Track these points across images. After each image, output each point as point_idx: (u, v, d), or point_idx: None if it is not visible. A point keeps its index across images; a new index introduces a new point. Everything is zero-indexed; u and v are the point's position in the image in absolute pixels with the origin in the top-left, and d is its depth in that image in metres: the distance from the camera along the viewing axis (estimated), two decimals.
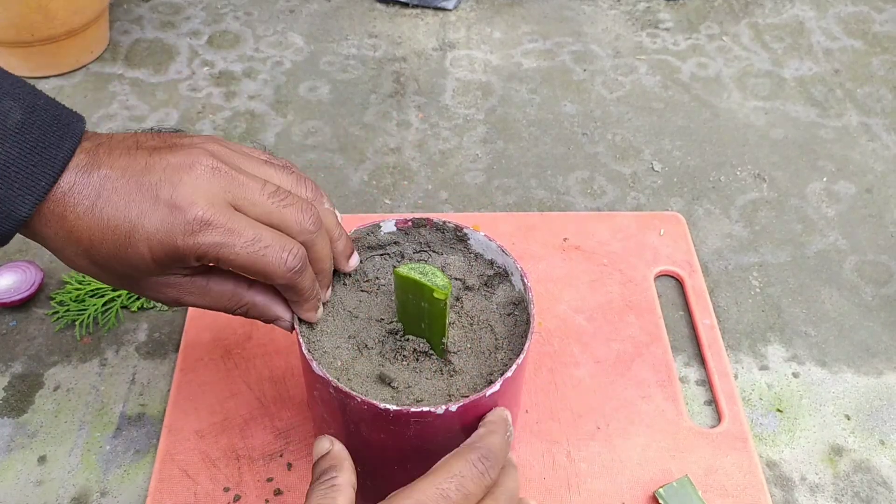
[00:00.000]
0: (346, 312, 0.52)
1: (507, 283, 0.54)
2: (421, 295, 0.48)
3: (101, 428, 0.63)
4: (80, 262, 0.45)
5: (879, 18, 1.06)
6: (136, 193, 0.43)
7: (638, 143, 0.88)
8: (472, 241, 0.54)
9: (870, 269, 0.77)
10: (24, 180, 0.41)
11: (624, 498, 0.59)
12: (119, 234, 0.43)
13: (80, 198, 0.43)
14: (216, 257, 0.43)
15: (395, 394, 0.48)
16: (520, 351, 0.48)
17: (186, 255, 0.43)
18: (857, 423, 0.66)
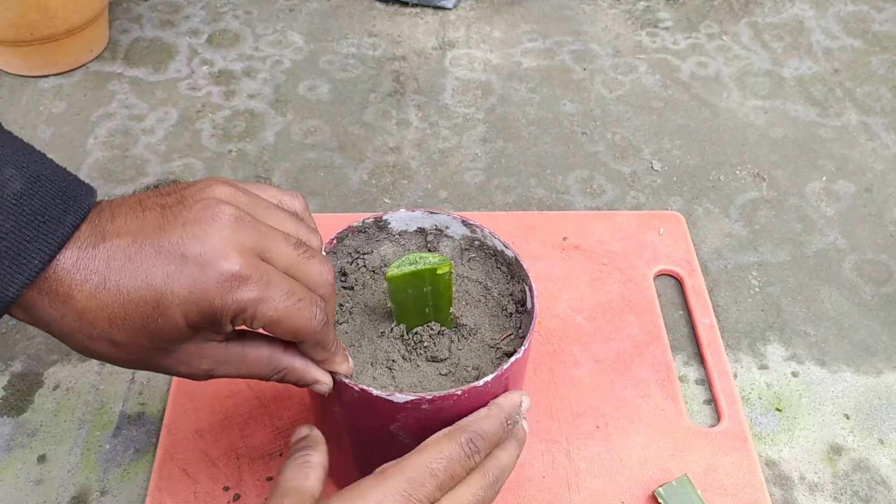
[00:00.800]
0: (350, 347, 0.51)
1: (447, 238, 0.55)
2: (421, 282, 0.48)
3: (101, 427, 0.63)
4: (98, 347, 0.40)
5: (879, 18, 1.06)
6: (156, 258, 0.39)
7: (637, 143, 0.89)
8: (393, 222, 0.55)
9: (869, 268, 0.77)
10: (15, 257, 0.37)
11: (623, 497, 0.60)
12: (145, 305, 0.38)
13: (86, 274, 0.38)
14: (254, 315, 0.40)
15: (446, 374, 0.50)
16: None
17: (224, 314, 0.39)
18: (856, 422, 0.66)
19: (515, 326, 0.52)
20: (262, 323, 0.40)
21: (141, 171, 0.83)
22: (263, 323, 0.40)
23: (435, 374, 0.50)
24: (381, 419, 0.47)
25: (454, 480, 0.42)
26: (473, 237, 0.55)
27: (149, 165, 0.83)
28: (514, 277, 0.54)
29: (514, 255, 0.53)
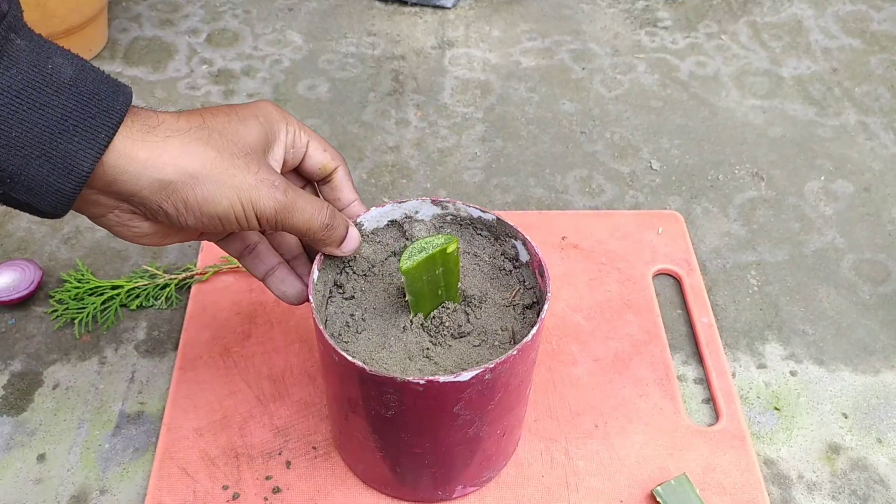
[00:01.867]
0: (382, 350, 0.51)
1: (418, 222, 0.56)
2: (434, 265, 0.49)
3: (101, 426, 0.64)
4: (194, 146, 0.44)
5: (878, 17, 1.06)
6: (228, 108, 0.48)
7: (636, 142, 0.89)
8: (366, 223, 0.55)
9: (867, 267, 0.77)
10: (84, 132, 0.40)
11: (622, 496, 0.60)
12: (226, 111, 0.47)
13: (169, 113, 0.44)
14: (300, 127, 0.51)
15: (478, 344, 0.51)
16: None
17: (279, 121, 0.49)
18: (854, 421, 0.66)
19: (519, 280, 0.54)
20: (306, 136, 0.51)
21: None
22: (307, 135, 0.51)
23: (469, 347, 0.51)
24: (445, 404, 0.48)
25: None
26: (445, 213, 0.55)
27: None
28: (498, 238, 0.55)
29: (494, 217, 0.54)
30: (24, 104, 0.39)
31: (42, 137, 0.40)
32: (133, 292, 0.71)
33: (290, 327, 0.69)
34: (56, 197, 0.41)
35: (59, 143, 0.40)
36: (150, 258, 0.75)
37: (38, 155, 0.40)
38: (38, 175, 0.40)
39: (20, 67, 0.39)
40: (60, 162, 0.40)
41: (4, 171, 0.40)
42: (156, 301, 0.71)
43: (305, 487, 0.59)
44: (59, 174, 0.41)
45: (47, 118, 0.40)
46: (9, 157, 0.39)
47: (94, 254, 0.75)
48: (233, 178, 0.44)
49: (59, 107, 0.40)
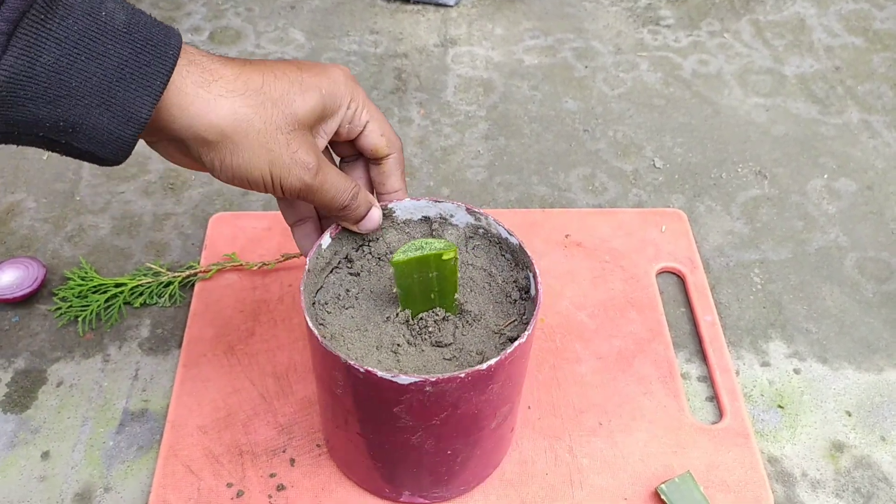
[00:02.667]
0: (356, 331, 0.52)
1: (451, 226, 0.56)
2: (427, 267, 0.49)
3: (105, 424, 0.64)
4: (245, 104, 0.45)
5: (880, 16, 1.06)
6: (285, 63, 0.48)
7: (639, 140, 0.89)
8: (398, 211, 0.56)
9: (871, 265, 0.77)
10: (141, 80, 0.41)
11: (626, 494, 0.60)
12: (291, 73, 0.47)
13: (228, 60, 0.45)
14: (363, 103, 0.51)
15: (450, 359, 0.51)
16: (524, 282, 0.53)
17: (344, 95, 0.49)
18: (858, 419, 0.66)
19: (519, 313, 0.53)
20: (367, 115, 0.51)
21: (143, 168, 0.83)
22: (368, 116, 0.51)
23: (439, 358, 0.50)
24: (386, 401, 0.47)
25: None
26: (478, 225, 0.55)
27: (151, 163, 0.83)
28: (518, 265, 0.54)
29: (519, 243, 0.53)
30: (83, 54, 0.40)
31: (101, 86, 0.40)
32: (137, 290, 0.71)
33: (293, 325, 0.69)
34: (117, 144, 0.42)
35: (117, 92, 0.41)
36: (154, 256, 0.75)
37: (98, 104, 0.40)
38: (98, 123, 0.41)
39: (76, 16, 0.39)
40: (119, 110, 0.41)
41: (67, 121, 0.40)
42: (159, 299, 0.71)
43: (310, 485, 0.59)
44: (119, 122, 0.41)
45: (105, 67, 0.40)
46: (70, 108, 0.40)
47: (98, 251, 0.75)
48: (270, 153, 0.46)
49: (115, 55, 0.40)
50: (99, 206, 0.79)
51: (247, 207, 0.80)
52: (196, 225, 0.78)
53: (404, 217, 0.56)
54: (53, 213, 0.79)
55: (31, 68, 0.39)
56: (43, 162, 0.84)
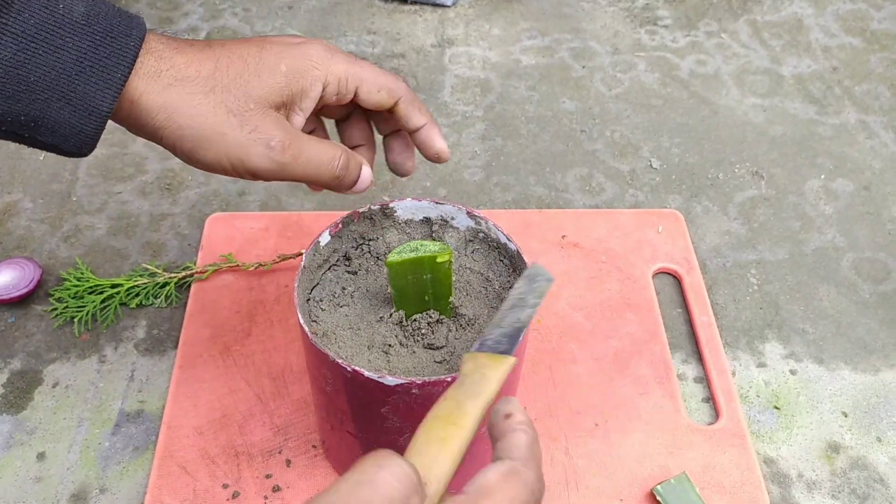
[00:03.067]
0: (348, 329, 0.52)
1: (452, 229, 0.56)
2: (421, 269, 0.49)
3: (100, 425, 0.63)
4: (193, 97, 0.44)
5: (878, 16, 1.06)
6: (254, 39, 0.47)
7: (636, 141, 0.89)
8: (400, 210, 0.55)
9: (867, 266, 0.77)
10: (101, 72, 0.41)
11: (622, 495, 0.60)
12: (249, 51, 0.45)
13: (190, 45, 0.44)
14: (346, 72, 0.48)
15: (441, 362, 0.50)
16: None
17: (318, 67, 0.47)
18: (854, 420, 0.66)
19: None
20: (354, 82, 0.48)
21: (140, 169, 0.83)
22: (355, 82, 0.48)
23: (430, 361, 0.50)
24: (373, 401, 0.47)
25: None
26: (478, 229, 0.55)
27: (148, 163, 0.83)
28: (515, 270, 0.54)
29: (517, 249, 0.53)
30: (40, 48, 0.39)
31: (60, 80, 0.40)
32: (133, 290, 0.71)
33: (290, 325, 0.69)
34: (80, 138, 0.42)
35: (76, 85, 0.40)
36: (151, 256, 0.75)
37: (57, 98, 0.40)
38: (59, 118, 0.41)
39: (32, 10, 0.39)
40: (80, 103, 0.41)
41: (27, 115, 0.40)
42: (155, 299, 0.71)
43: (305, 486, 0.59)
44: (80, 116, 0.41)
45: (63, 60, 0.40)
46: (30, 102, 0.40)
47: (94, 252, 0.75)
48: (223, 137, 0.44)
49: (73, 48, 0.40)
50: (95, 207, 0.79)
51: (244, 208, 0.80)
52: (192, 225, 0.78)
53: (406, 217, 0.56)
54: (50, 213, 0.79)
55: None
56: (39, 162, 0.83)
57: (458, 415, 0.35)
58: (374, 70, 0.49)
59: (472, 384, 0.37)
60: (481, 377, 0.38)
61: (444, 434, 0.34)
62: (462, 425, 0.35)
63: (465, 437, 0.34)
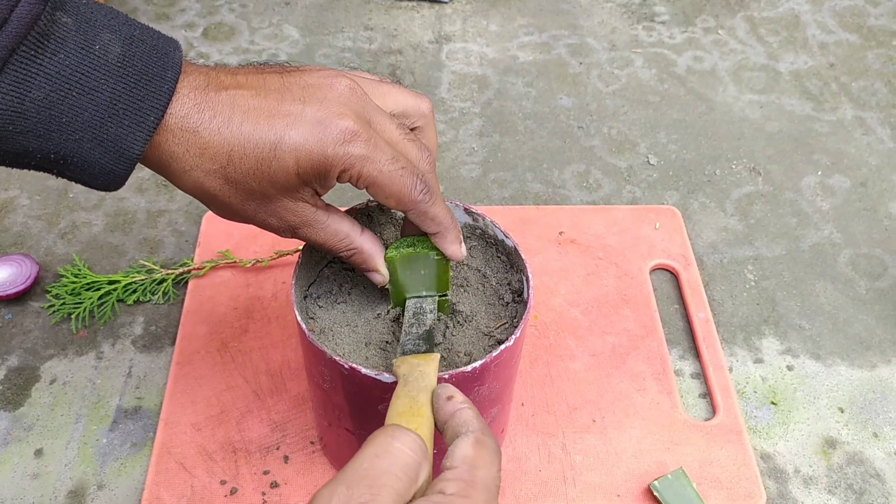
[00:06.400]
0: (346, 326, 0.52)
1: None
2: (419, 265, 0.49)
3: (98, 421, 0.64)
4: (211, 182, 0.43)
5: (874, 12, 1.06)
6: (279, 108, 0.43)
7: (633, 137, 0.89)
8: None
9: (864, 262, 0.77)
10: (134, 116, 0.40)
11: (619, 490, 0.60)
12: (263, 147, 0.42)
13: (213, 113, 0.42)
14: (360, 172, 0.44)
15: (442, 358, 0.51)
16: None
17: (333, 166, 0.43)
18: (850, 415, 0.66)
19: (511, 316, 0.52)
20: (365, 182, 0.44)
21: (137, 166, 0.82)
22: (367, 182, 0.44)
23: None
24: (370, 398, 0.48)
25: None
26: (475, 225, 0.55)
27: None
28: (513, 267, 0.54)
29: (514, 245, 0.53)
30: (74, 89, 0.39)
31: (92, 122, 0.40)
32: (130, 287, 0.71)
33: (287, 322, 0.69)
34: (109, 178, 0.42)
35: (108, 127, 0.40)
36: (147, 253, 0.75)
37: (89, 139, 0.40)
38: (90, 158, 0.41)
39: (68, 51, 0.39)
40: (111, 145, 0.41)
41: (57, 154, 0.40)
42: (153, 296, 0.71)
43: (303, 482, 0.59)
44: (111, 157, 0.41)
45: (97, 102, 0.40)
46: (61, 142, 0.40)
47: (91, 249, 0.75)
48: (243, 216, 0.46)
49: (108, 90, 0.40)
50: (92, 203, 0.79)
51: None
52: (190, 222, 0.78)
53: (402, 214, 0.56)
54: (47, 210, 0.79)
55: (20, 104, 0.38)
56: None
57: (417, 407, 0.39)
58: (390, 173, 0.44)
59: (416, 380, 0.41)
60: (420, 373, 0.41)
61: (413, 426, 0.37)
62: (423, 414, 0.39)
63: (430, 424, 0.38)
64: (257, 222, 0.46)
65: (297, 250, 0.71)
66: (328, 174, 0.44)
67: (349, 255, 0.49)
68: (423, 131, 0.49)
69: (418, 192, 0.45)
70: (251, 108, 0.43)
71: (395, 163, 0.44)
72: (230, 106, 0.42)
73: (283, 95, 0.43)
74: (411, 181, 0.45)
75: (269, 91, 0.43)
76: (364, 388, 0.47)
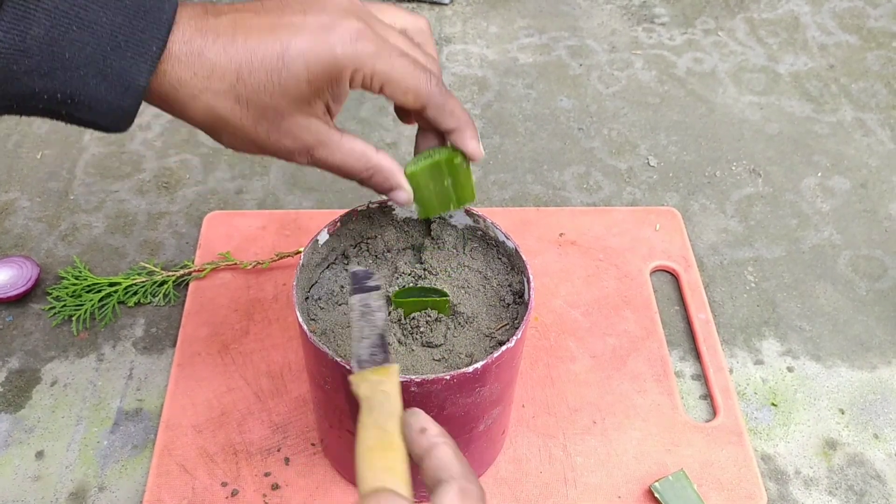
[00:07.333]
0: (347, 328, 0.52)
1: (450, 227, 0.56)
2: (441, 174, 0.49)
3: (99, 423, 0.64)
4: (222, 104, 0.43)
5: (874, 13, 1.06)
6: (280, 21, 0.43)
7: (633, 138, 0.89)
8: (398, 209, 0.55)
9: (864, 263, 0.77)
10: (136, 47, 0.40)
11: (620, 492, 0.60)
12: (271, 58, 0.42)
13: (216, 35, 0.42)
14: (373, 70, 0.43)
15: (439, 360, 0.51)
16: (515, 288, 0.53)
17: (345, 66, 0.43)
18: (851, 417, 0.66)
19: (512, 317, 0.53)
20: (380, 80, 0.44)
21: (137, 167, 0.83)
22: (381, 80, 0.44)
23: (428, 359, 0.51)
24: None
25: None
26: (476, 227, 0.55)
27: (145, 161, 0.83)
28: (513, 269, 0.54)
29: (515, 247, 0.53)
30: (74, 23, 0.39)
31: (95, 56, 0.40)
32: (131, 289, 0.71)
33: (288, 324, 0.69)
34: (117, 114, 0.42)
35: (112, 61, 0.40)
36: (148, 255, 0.75)
37: (94, 74, 0.40)
38: (96, 94, 0.41)
39: None
40: (116, 79, 0.40)
41: (64, 93, 0.40)
42: (154, 298, 0.71)
43: (304, 484, 0.59)
44: (117, 92, 0.41)
45: (98, 36, 0.40)
46: (66, 80, 0.40)
47: (92, 251, 0.75)
48: (255, 142, 0.45)
49: (107, 23, 0.40)
50: (93, 205, 0.79)
51: (241, 206, 0.80)
52: (190, 224, 0.78)
53: (404, 215, 0.56)
54: (47, 212, 0.79)
55: (22, 42, 0.38)
56: (37, 161, 0.83)
57: (388, 439, 0.38)
58: (403, 67, 0.45)
59: (381, 405, 0.40)
60: (384, 395, 0.40)
61: (388, 463, 0.36)
62: (397, 446, 0.37)
63: (404, 455, 0.37)
64: (270, 146, 0.45)
65: (298, 252, 0.71)
66: (340, 77, 0.43)
67: (369, 176, 0.48)
68: (424, 47, 0.49)
69: (434, 83, 0.45)
70: (252, 26, 0.43)
71: (405, 57, 0.44)
72: (232, 27, 0.43)
73: (282, 11, 0.43)
74: (425, 75, 0.45)
75: (268, 10, 0.44)
76: None
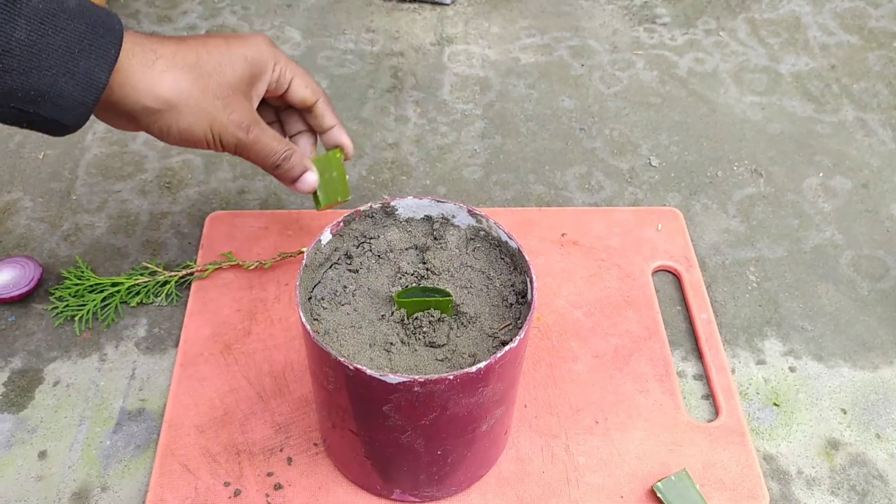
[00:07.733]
0: (350, 328, 0.52)
1: (453, 227, 0.56)
2: (330, 165, 0.65)
3: (102, 423, 0.64)
4: (187, 76, 0.53)
5: (875, 14, 1.07)
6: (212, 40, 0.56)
7: (635, 139, 0.89)
8: (401, 209, 0.56)
9: (866, 263, 0.77)
10: (98, 49, 0.49)
11: (622, 492, 0.60)
12: (218, 46, 0.55)
13: (164, 40, 0.53)
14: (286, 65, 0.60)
15: (442, 360, 0.51)
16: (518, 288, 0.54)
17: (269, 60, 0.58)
18: (853, 416, 0.66)
19: (514, 317, 0.53)
20: (291, 74, 0.60)
21: (139, 168, 0.83)
22: (292, 74, 0.60)
23: (431, 359, 0.51)
24: (375, 399, 0.48)
25: None
26: (479, 227, 0.55)
27: (147, 161, 0.83)
28: (516, 268, 0.54)
29: (518, 247, 0.53)
30: (49, 29, 0.47)
31: (65, 58, 0.47)
32: (133, 289, 0.71)
33: (290, 324, 0.69)
34: (80, 110, 0.50)
35: (79, 61, 0.48)
36: (151, 255, 0.75)
37: (63, 73, 0.48)
38: (64, 91, 0.48)
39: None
40: (82, 77, 0.48)
41: (37, 90, 0.47)
42: (156, 298, 0.71)
43: (307, 484, 0.59)
44: (82, 88, 0.49)
45: (67, 41, 0.47)
46: (40, 78, 0.47)
47: (94, 251, 0.75)
48: (209, 116, 0.55)
49: (74, 30, 0.48)
50: (95, 205, 0.79)
51: (244, 206, 0.80)
52: (193, 224, 0.78)
53: (407, 215, 0.56)
54: (50, 212, 0.79)
55: (7, 44, 0.45)
56: (39, 161, 0.83)
57: None
58: (303, 69, 0.61)
59: None
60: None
61: None
62: None
63: None
64: (217, 124, 0.55)
65: (301, 252, 0.71)
66: (267, 68, 0.58)
67: (289, 155, 0.60)
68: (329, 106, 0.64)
69: (321, 87, 0.62)
70: (194, 39, 0.55)
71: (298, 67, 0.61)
72: (177, 39, 0.54)
73: (207, 38, 0.56)
74: (314, 79, 0.62)
75: (196, 38, 0.56)
76: (368, 389, 0.47)
